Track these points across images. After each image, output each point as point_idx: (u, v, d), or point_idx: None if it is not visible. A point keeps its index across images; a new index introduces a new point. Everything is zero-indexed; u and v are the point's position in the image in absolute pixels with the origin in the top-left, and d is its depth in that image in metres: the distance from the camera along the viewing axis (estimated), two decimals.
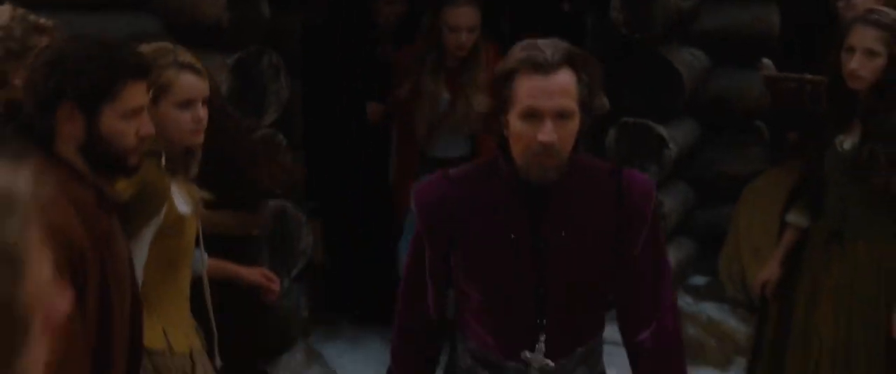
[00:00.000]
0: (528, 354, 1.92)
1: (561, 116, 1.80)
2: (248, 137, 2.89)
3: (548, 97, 1.79)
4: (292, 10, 3.68)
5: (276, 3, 3.44)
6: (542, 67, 1.80)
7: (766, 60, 3.69)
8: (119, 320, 1.78)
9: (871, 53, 2.71)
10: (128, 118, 1.78)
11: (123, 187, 2.00)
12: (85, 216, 1.69)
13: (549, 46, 1.82)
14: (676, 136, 3.92)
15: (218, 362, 2.47)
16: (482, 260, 1.94)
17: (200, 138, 2.25)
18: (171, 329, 2.29)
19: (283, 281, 3.52)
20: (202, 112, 2.23)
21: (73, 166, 1.74)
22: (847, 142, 2.81)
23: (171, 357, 2.27)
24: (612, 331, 2.11)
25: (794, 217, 3.01)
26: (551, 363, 1.91)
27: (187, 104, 2.19)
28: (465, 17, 3.58)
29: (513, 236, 1.90)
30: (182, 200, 2.24)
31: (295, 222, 3.53)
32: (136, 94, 1.79)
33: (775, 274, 3.04)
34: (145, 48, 2.15)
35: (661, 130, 3.82)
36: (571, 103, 1.81)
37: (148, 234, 2.19)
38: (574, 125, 1.83)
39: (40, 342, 0.74)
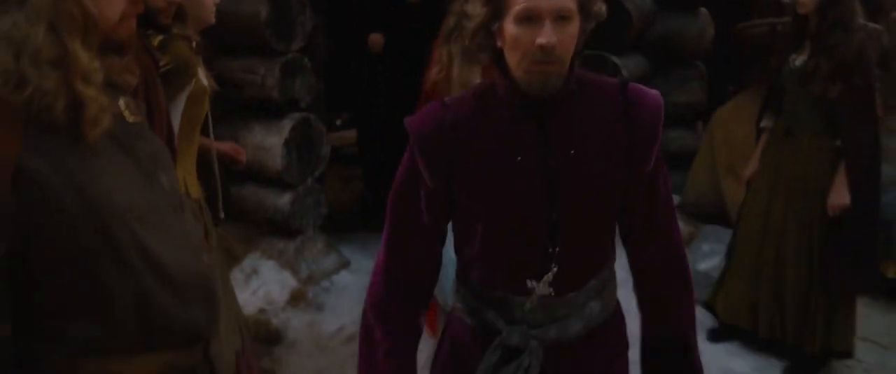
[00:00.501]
0: (533, 282, 1.80)
1: (560, 17, 1.65)
2: None
3: None
4: None
5: None
6: None
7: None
8: None
9: None
10: None
11: (164, 62, 2.39)
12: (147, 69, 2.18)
13: None
14: (629, 65, 4.74)
15: (221, 214, 2.93)
16: (487, 187, 1.77)
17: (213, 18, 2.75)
18: (189, 178, 2.68)
19: (306, 180, 4.37)
20: None
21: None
22: (799, 59, 3.60)
23: (188, 199, 2.57)
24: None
25: (765, 122, 3.83)
26: (553, 292, 1.80)
27: None
28: None
29: (519, 158, 1.74)
30: (202, 76, 2.69)
31: (317, 132, 4.33)
32: None
33: (754, 169, 3.85)
34: None
35: (616, 59, 4.64)
36: (570, 4, 1.66)
37: (181, 99, 2.61)
38: (574, 28, 1.68)
39: None
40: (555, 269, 1.78)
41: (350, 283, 4.42)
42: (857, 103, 3.50)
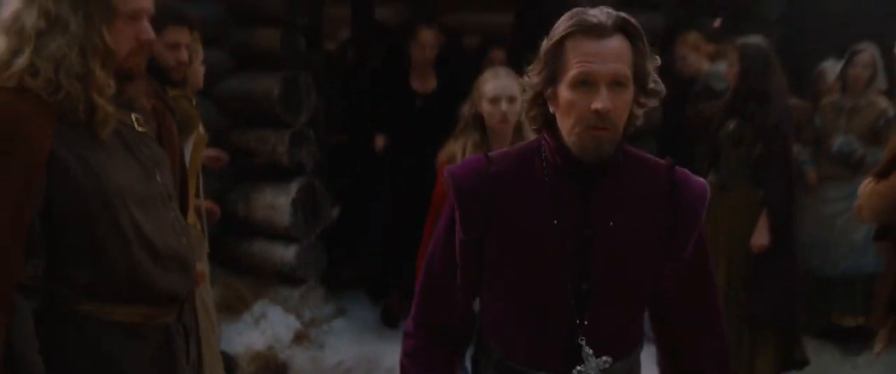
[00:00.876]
0: (579, 368, 1.76)
1: (615, 83, 1.67)
2: None
3: (602, 61, 1.67)
4: (318, 47, 5.23)
5: (308, 40, 4.99)
6: (595, 30, 1.68)
7: None
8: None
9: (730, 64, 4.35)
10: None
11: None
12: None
13: (600, 12, 1.70)
14: None
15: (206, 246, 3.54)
16: (519, 247, 1.76)
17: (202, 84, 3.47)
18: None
19: (310, 236, 5.01)
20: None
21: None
22: (731, 124, 4.34)
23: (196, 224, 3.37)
24: None
25: (708, 178, 4.47)
26: (608, 360, 1.77)
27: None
28: (505, 87, 3.28)
29: (556, 221, 1.74)
30: (201, 128, 3.40)
31: (320, 194, 4.99)
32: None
33: None
34: None
35: None
36: (626, 70, 1.68)
37: (189, 144, 3.27)
38: (628, 96, 1.69)
39: None
40: (583, 341, 1.75)
41: (346, 327, 5.01)
42: (774, 162, 4.22)
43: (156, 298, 1.97)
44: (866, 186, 3.34)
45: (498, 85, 3.29)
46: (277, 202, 4.85)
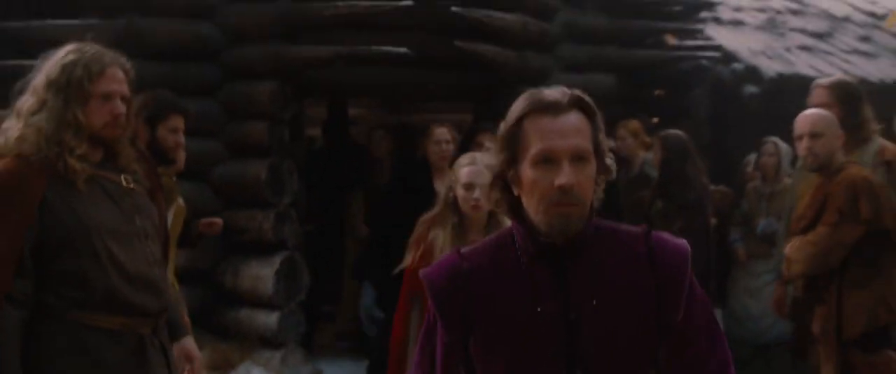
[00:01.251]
0: None
1: (577, 157, 1.67)
2: None
3: (562, 137, 1.67)
4: (300, 139, 5.96)
5: (291, 133, 5.73)
6: (552, 108, 1.69)
7: None
8: None
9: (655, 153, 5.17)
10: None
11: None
12: None
13: (555, 90, 1.71)
14: None
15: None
16: (506, 341, 1.72)
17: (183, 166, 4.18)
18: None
19: (290, 303, 5.61)
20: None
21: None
22: (659, 204, 5.06)
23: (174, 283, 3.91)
24: None
25: None
26: None
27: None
28: (480, 174, 3.30)
29: (539, 309, 1.70)
30: (181, 201, 4.06)
31: (299, 266, 5.63)
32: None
33: None
34: None
35: None
36: (587, 144, 1.69)
37: (170, 213, 3.85)
38: (591, 170, 1.69)
39: None
40: None
41: None
42: (693, 235, 4.91)
43: (130, 311, 2.58)
44: (792, 244, 4.00)
45: (472, 172, 3.36)
46: (262, 273, 5.48)
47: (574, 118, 1.71)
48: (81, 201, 2.51)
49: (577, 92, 1.73)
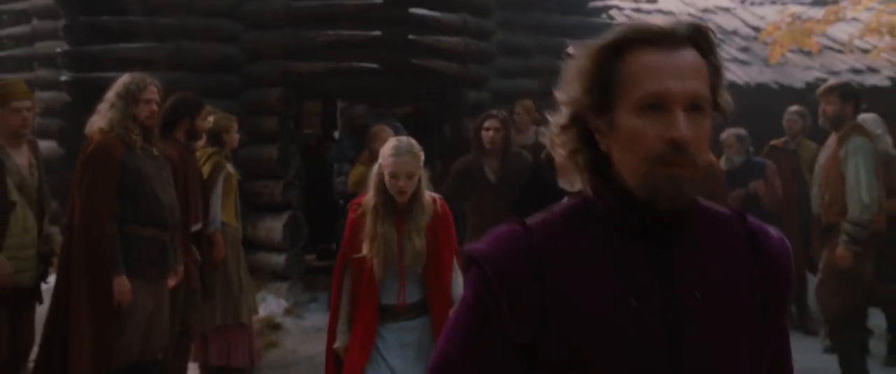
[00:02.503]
0: None
1: (694, 106, 1.26)
2: None
3: (677, 78, 1.26)
4: (300, 129, 8.06)
5: (295, 124, 7.84)
6: (665, 39, 1.28)
7: None
8: None
9: None
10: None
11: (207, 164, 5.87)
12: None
13: (665, 18, 1.30)
14: None
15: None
16: (591, 344, 1.28)
17: (237, 144, 6.44)
18: (227, 216, 5.62)
19: (295, 248, 7.72)
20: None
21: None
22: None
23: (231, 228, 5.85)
24: None
25: None
26: None
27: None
28: (404, 165, 3.51)
29: (634, 301, 1.28)
30: (231, 169, 6.05)
31: (300, 222, 7.74)
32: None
33: None
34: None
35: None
36: (705, 90, 1.28)
37: (220, 180, 5.54)
38: (708, 123, 1.28)
39: None
40: None
41: (316, 309, 7.70)
42: None
43: (160, 225, 4.38)
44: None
45: (397, 163, 3.52)
46: (274, 226, 7.58)
47: (691, 56, 1.30)
48: (138, 161, 4.33)
49: (695, 22, 1.34)
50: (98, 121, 4.38)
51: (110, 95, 4.42)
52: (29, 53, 9.32)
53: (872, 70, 10.10)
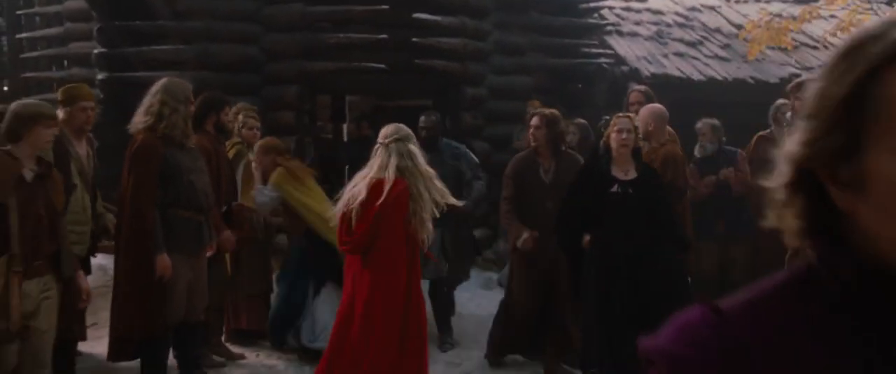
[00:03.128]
0: None
1: None
2: None
3: None
4: (313, 121, 8.85)
5: (310, 117, 8.63)
6: None
7: None
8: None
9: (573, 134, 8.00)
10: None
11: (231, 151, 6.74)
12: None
13: None
14: None
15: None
16: None
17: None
18: (246, 199, 6.20)
19: None
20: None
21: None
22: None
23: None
24: None
25: None
26: None
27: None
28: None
29: None
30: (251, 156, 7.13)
31: None
32: None
33: None
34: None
35: None
36: None
37: (241, 167, 6.75)
38: None
39: None
40: None
41: None
42: None
43: (196, 208, 5.14)
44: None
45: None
46: None
47: None
48: (176, 154, 5.11)
49: None
50: (141, 120, 5.05)
51: (152, 96, 5.06)
52: (62, 53, 10.11)
53: None
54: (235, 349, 6.21)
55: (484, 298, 7.85)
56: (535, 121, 5.97)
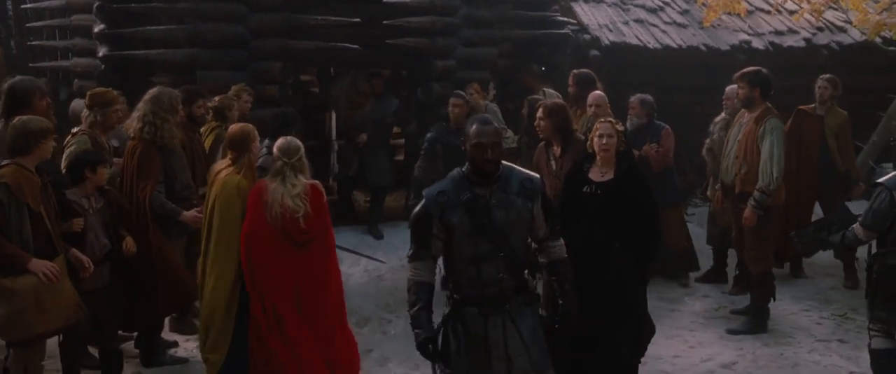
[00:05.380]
0: None
1: None
2: None
3: None
4: (298, 95, 9.74)
5: (293, 90, 9.50)
6: None
7: None
8: None
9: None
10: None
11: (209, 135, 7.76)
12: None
13: None
14: None
15: None
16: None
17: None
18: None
19: None
20: None
21: None
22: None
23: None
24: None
25: None
26: None
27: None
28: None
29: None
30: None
31: None
32: None
33: None
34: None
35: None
36: None
37: (219, 149, 7.90)
38: None
39: None
40: None
41: None
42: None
43: (180, 199, 6.15)
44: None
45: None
46: None
47: None
48: (171, 160, 6.05)
49: None
50: (137, 127, 5.94)
51: (146, 107, 5.92)
52: (65, 24, 10.90)
53: (793, 31, 11.60)
54: None
55: None
56: (539, 112, 6.37)
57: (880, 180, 5.04)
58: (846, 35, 11.61)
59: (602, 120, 5.59)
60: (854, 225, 5.15)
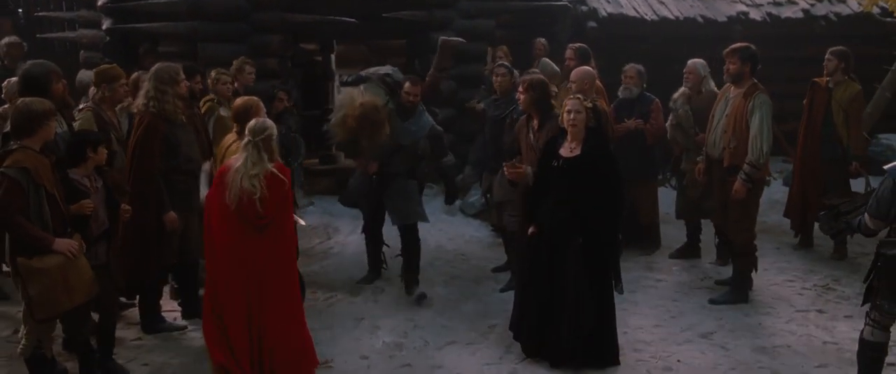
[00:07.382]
0: None
1: None
2: None
3: None
4: (297, 68, 9.93)
5: (292, 63, 9.68)
6: None
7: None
8: None
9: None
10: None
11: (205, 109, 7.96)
12: None
13: None
14: None
15: None
16: None
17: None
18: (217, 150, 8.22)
19: (293, 165, 9.71)
20: None
21: None
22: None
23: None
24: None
25: None
26: None
27: None
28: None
29: None
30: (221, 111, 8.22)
31: (299, 141, 9.68)
32: None
33: None
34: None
35: None
36: None
37: (212, 121, 7.86)
38: None
39: None
40: None
41: (313, 211, 9.72)
42: None
43: (188, 173, 6.24)
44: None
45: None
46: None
47: None
48: (175, 131, 6.20)
49: None
50: (142, 103, 6.12)
51: (149, 84, 6.09)
52: None
53: (791, 2, 11.64)
54: None
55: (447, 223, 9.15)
56: (520, 87, 6.52)
57: (886, 168, 4.89)
58: (844, 6, 11.64)
59: (571, 97, 5.71)
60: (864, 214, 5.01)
